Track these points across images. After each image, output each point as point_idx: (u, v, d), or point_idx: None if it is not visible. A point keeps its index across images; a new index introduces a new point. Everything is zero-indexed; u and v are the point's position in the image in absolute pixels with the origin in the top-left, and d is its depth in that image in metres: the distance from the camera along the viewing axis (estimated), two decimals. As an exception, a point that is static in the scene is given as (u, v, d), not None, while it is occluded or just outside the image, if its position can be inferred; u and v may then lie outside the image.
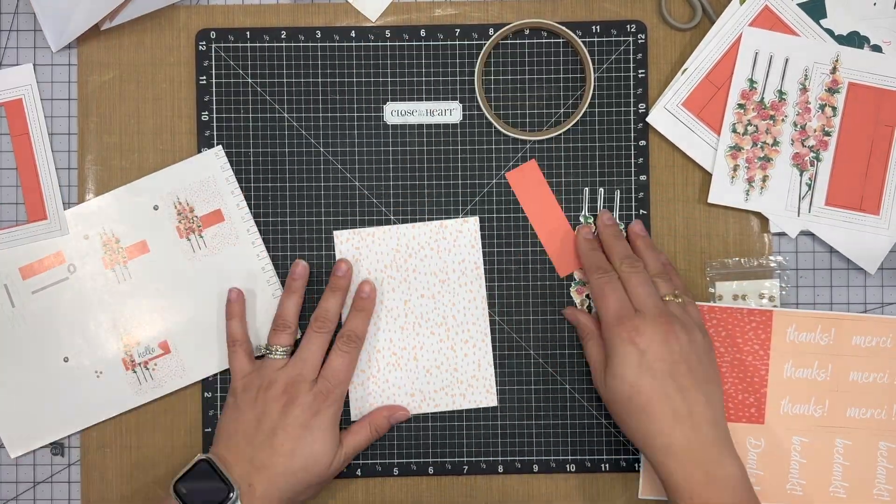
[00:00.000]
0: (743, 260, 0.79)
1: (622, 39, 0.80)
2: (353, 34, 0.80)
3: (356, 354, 0.76)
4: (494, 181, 0.79)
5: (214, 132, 0.79)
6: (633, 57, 0.80)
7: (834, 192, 0.79)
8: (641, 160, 0.80)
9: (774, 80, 0.78)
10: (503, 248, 0.79)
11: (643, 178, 0.80)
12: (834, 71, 0.78)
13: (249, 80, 0.80)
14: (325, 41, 0.80)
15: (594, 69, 0.79)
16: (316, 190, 0.80)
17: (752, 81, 0.78)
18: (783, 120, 0.79)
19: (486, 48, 0.79)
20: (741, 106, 0.78)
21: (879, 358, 0.78)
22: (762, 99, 0.78)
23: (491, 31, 0.80)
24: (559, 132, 0.79)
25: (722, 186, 0.79)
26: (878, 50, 0.78)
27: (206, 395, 0.79)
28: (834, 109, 0.78)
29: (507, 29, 0.79)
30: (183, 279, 0.79)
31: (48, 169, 0.79)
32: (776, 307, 0.78)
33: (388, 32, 0.80)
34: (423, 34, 0.80)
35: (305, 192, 0.79)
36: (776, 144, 0.79)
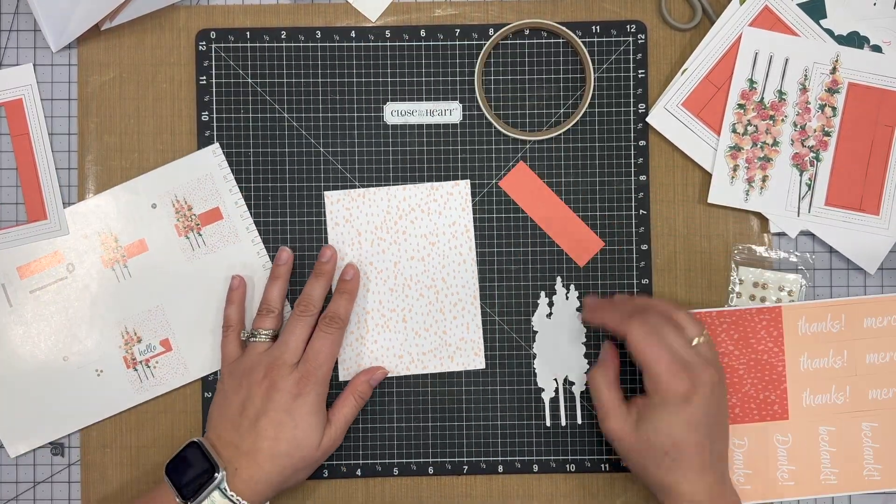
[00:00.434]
0: (772, 251, 0.79)
1: (622, 39, 0.80)
2: (353, 34, 0.80)
3: (339, 336, 0.76)
4: (494, 181, 0.79)
5: (214, 132, 0.79)
6: (633, 57, 0.80)
7: (834, 192, 0.79)
8: (641, 160, 0.80)
9: (774, 80, 0.78)
10: (503, 248, 0.79)
11: (643, 178, 0.79)
12: (834, 71, 0.78)
13: (249, 80, 0.80)
14: (325, 41, 0.80)
15: (594, 69, 0.79)
16: (316, 189, 0.79)
17: (751, 81, 0.78)
18: (783, 120, 0.78)
19: (486, 48, 0.79)
20: (741, 106, 0.78)
21: (893, 336, 0.78)
22: (762, 99, 0.78)
23: (491, 31, 0.80)
24: (559, 132, 0.79)
25: (722, 186, 0.79)
26: (878, 50, 0.78)
27: (206, 395, 0.79)
28: (834, 109, 0.78)
29: (506, 29, 0.79)
30: (182, 277, 0.79)
31: (48, 169, 0.79)
32: (793, 302, 0.78)
33: (388, 32, 0.80)
34: (423, 34, 0.80)
35: (305, 191, 0.79)
36: (776, 144, 0.78)
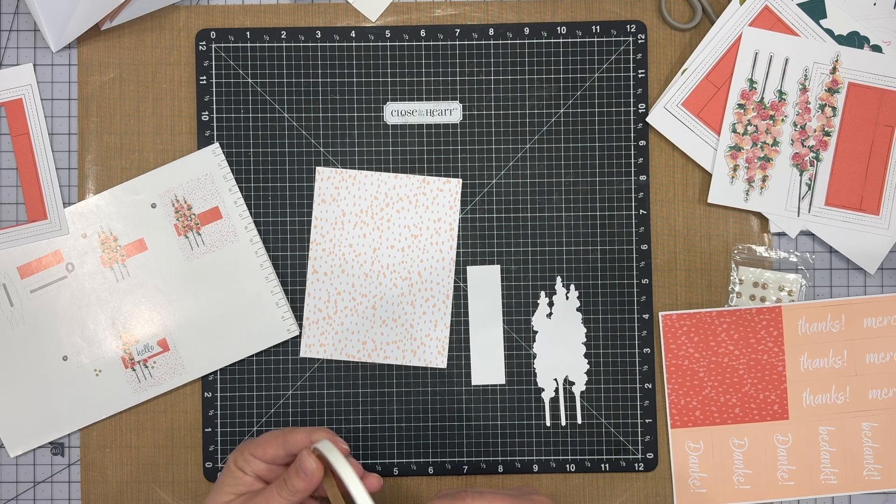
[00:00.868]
0: (772, 251, 0.79)
1: (622, 39, 0.80)
2: (353, 34, 0.80)
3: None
4: (494, 181, 0.79)
5: (214, 132, 0.79)
6: (632, 57, 0.80)
7: (834, 192, 0.79)
8: (641, 160, 0.79)
9: (774, 80, 0.78)
10: (503, 247, 0.79)
11: (643, 178, 0.79)
12: (834, 71, 0.78)
13: (249, 80, 0.80)
14: (325, 41, 0.80)
15: (595, 69, 0.79)
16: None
17: (751, 81, 0.78)
18: (783, 120, 0.78)
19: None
20: (741, 106, 0.78)
21: (893, 336, 0.78)
22: (762, 99, 0.78)
23: (491, 31, 0.80)
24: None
25: (722, 186, 0.79)
26: (878, 50, 0.78)
27: (206, 394, 0.79)
28: (834, 109, 0.78)
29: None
30: (181, 277, 0.79)
31: (48, 169, 0.79)
32: (793, 302, 0.78)
33: (388, 32, 0.80)
34: (423, 34, 0.80)
35: (305, 192, 0.79)
36: (776, 144, 0.78)
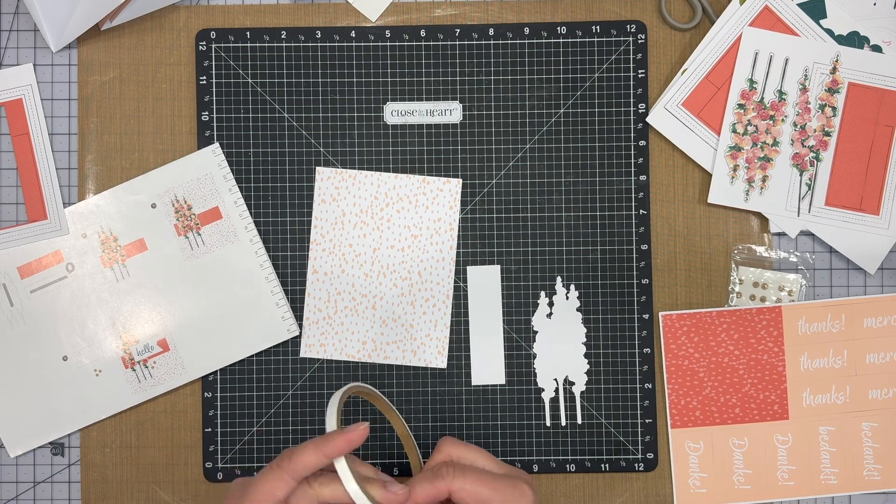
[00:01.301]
0: (772, 251, 0.79)
1: (622, 39, 0.80)
2: (353, 34, 0.80)
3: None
4: (494, 181, 0.79)
5: (214, 132, 0.79)
6: (632, 57, 0.80)
7: (834, 192, 0.78)
8: (641, 160, 0.79)
9: (774, 80, 0.78)
10: (503, 247, 0.79)
11: (643, 178, 0.79)
12: (834, 71, 0.78)
13: (249, 80, 0.80)
14: (325, 41, 0.80)
15: (594, 69, 0.79)
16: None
17: (751, 81, 0.78)
18: (783, 120, 0.78)
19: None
20: (741, 106, 0.78)
21: (893, 336, 0.78)
22: (762, 99, 0.78)
23: (491, 31, 0.80)
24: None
25: (722, 186, 0.79)
26: (878, 50, 0.78)
27: (206, 394, 0.79)
28: (834, 109, 0.78)
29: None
30: (181, 277, 0.79)
31: (48, 169, 0.79)
32: (793, 302, 0.78)
33: (388, 32, 0.80)
34: (423, 34, 0.80)
35: (305, 192, 0.79)
36: (776, 144, 0.78)
